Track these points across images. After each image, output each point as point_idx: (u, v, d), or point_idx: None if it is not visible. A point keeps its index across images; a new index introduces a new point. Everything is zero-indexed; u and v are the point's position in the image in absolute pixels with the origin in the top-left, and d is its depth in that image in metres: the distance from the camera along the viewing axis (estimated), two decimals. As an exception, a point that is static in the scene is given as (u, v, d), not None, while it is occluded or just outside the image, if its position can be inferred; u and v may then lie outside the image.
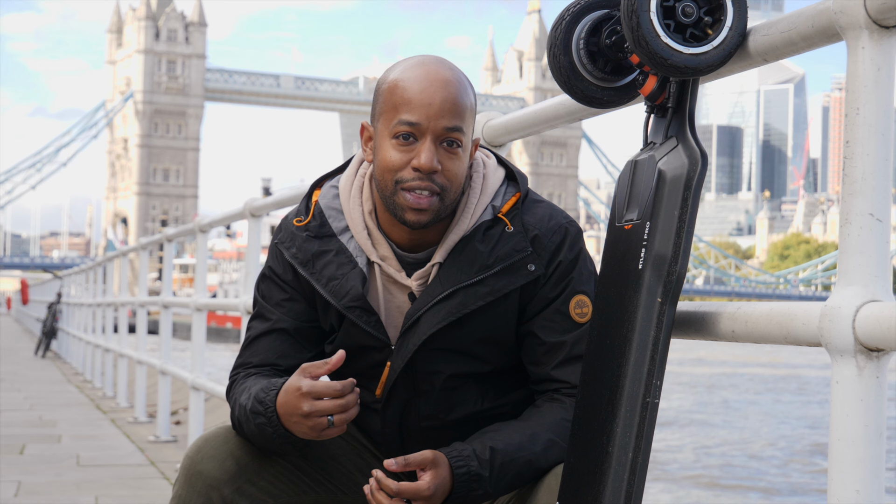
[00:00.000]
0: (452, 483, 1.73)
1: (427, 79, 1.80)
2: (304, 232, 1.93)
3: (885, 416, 1.31)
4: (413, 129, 1.78)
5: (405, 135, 1.79)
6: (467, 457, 1.75)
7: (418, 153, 1.78)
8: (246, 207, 4.81)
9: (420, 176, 1.78)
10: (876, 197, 1.33)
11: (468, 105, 1.82)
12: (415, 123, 1.78)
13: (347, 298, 1.87)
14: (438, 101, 1.78)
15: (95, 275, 12.78)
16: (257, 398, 1.80)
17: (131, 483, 5.30)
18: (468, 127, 1.82)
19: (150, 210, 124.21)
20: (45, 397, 10.25)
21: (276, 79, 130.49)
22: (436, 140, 1.79)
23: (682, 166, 1.59)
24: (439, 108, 1.78)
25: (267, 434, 1.79)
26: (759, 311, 1.49)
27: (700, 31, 1.58)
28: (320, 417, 1.72)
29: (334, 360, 1.74)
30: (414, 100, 1.78)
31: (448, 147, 1.79)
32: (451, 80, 1.81)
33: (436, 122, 1.78)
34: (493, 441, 1.78)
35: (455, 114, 1.79)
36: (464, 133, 1.80)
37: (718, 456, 15.13)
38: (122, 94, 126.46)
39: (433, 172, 1.78)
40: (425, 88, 1.79)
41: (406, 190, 1.79)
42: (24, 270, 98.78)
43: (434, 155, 1.78)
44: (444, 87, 1.79)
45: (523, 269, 1.84)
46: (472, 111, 1.84)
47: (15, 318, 42.93)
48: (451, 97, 1.79)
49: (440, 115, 1.78)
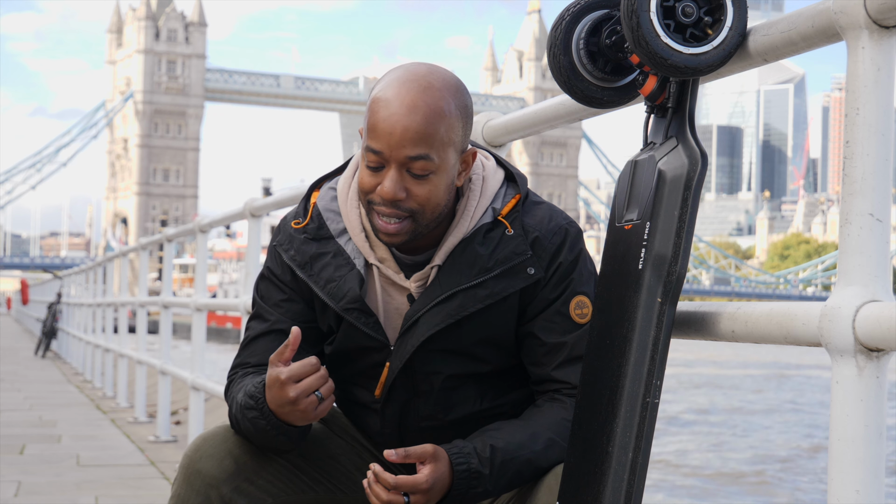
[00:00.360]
0: (452, 480, 1.73)
1: (395, 103, 1.75)
2: (302, 234, 1.93)
3: (885, 416, 1.31)
4: (378, 157, 1.77)
5: (374, 160, 1.78)
6: (468, 454, 1.75)
7: (383, 179, 1.77)
8: (246, 207, 4.81)
9: (386, 202, 1.78)
10: (876, 197, 1.33)
11: (439, 130, 1.76)
12: (378, 152, 1.76)
13: (345, 300, 1.87)
14: (399, 131, 1.74)
15: (95, 275, 12.78)
16: (248, 393, 1.81)
17: (131, 483, 5.30)
18: (441, 150, 1.77)
19: (150, 210, 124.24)
20: (45, 397, 10.25)
21: (276, 79, 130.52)
22: (400, 168, 1.76)
23: (682, 166, 1.59)
24: (400, 138, 1.74)
25: (261, 427, 1.79)
26: (759, 311, 1.49)
27: (700, 31, 1.58)
28: (308, 398, 1.73)
29: (291, 339, 1.74)
30: (378, 127, 1.76)
31: (417, 173, 1.77)
32: (419, 105, 1.75)
33: (398, 151, 1.75)
34: (493, 439, 1.78)
35: (418, 142, 1.74)
36: (432, 159, 1.76)
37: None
38: (122, 94, 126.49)
39: (398, 200, 1.77)
40: (390, 116, 1.75)
41: (377, 213, 1.79)
42: (24, 270, 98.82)
43: (397, 184, 1.76)
44: (409, 114, 1.74)
45: (523, 273, 1.84)
46: (447, 135, 1.77)
47: (15, 318, 42.93)
48: (414, 126, 1.74)
49: (401, 145, 1.74)
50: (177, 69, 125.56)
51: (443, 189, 1.80)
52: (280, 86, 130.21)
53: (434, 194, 1.79)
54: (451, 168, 1.80)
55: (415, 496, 1.71)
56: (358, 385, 1.95)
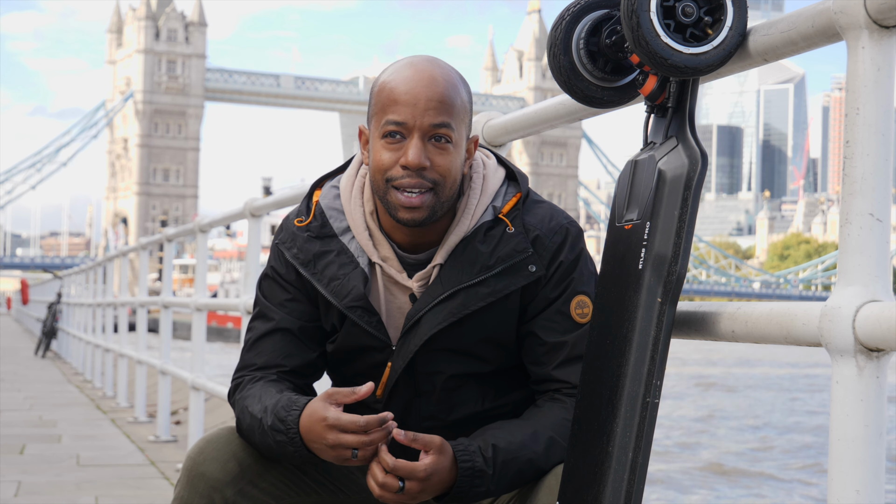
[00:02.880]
0: (456, 476, 1.73)
1: (413, 78, 1.80)
2: (306, 232, 1.92)
3: (885, 416, 1.31)
4: (400, 128, 1.79)
5: (393, 133, 1.79)
6: (472, 452, 1.74)
7: (406, 151, 1.78)
8: (246, 207, 4.81)
9: (409, 174, 1.78)
10: (876, 197, 1.33)
11: (457, 101, 1.81)
12: (401, 122, 1.78)
13: (349, 299, 1.87)
14: (424, 99, 1.78)
15: (95, 275, 12.78)
16: (278, 416, 1.77)
17: (131, 483, 5.30)
18: (459, 123, 1.82)
19: (150, 210, 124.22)
20: (45, 397, 10.25)
21: (276, 79, 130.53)
22: (423, 137, 1.79)
23: (682, 166, 1.59)
24: (425, 105, 1.78)
25: (287, 452, 1.78)
26: (759, 311, 1.49)
27: (700, 31, 1.58)
28: (345, 449, 1.70)
29: (363, 390, 1.72)
30: (400, 99, 1.79)
31: (437, 143, 1.79)
32: (437, 77, 1.81)
33: (422, 119, 1.78)
34: (495, 439, 1.78)
35: (441, 110, 1.79)
36: (453, 129, 1.80)
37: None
38: (122, 93, 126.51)
39: (422, 169, 1.78)
40: (412, 88, 1.79)
41: (397, 189, 1.79)
42: (24, 270, 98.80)
43: (421, 151, 1.78)
44: (430, 84, 1.80)
45: (524, 270, 1.84)
46: (463, 108, 1.83)
47: (15, 318, 42.93)
48: (436, 94, 1.79)
49: (426, 111, 1.78)
50: (177, 69, 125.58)
51: (458, 165, 1.83)
52: (280, 86, 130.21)
53: (453, 166, 1.81)
54: (463, 146, 1.84)
55: (410, 483, 1.70)
56: (359, 384, 1.95)
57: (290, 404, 1.77)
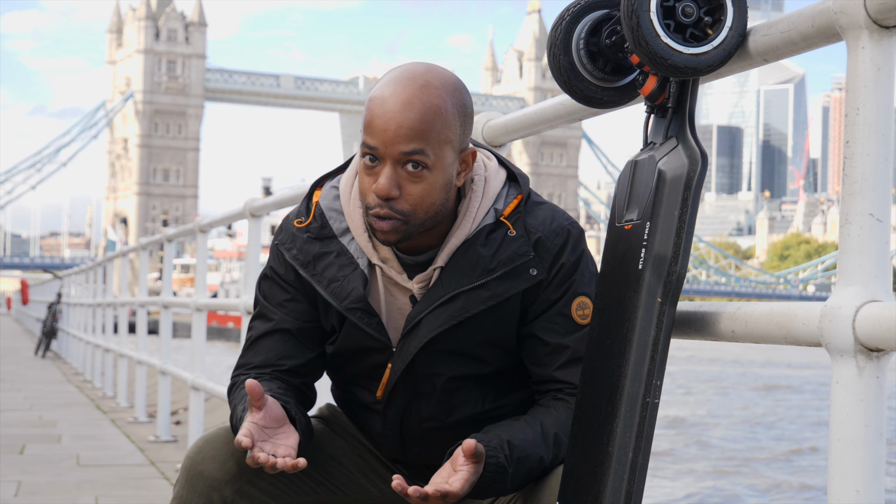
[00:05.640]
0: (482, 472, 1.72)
1: (390, 101, 1.76)
2: (305, 233, 1.92)
3: (885, 416, 1.31)
4: (374, 153, 1.77)
5: (370, 157, 1.78)
6: (496, 447, 1.73)
7: (378, 176, 1.78)
8: (246, 207, 4.81)
9: (380, 203, 1.78)
10: (876, 197, 1.33)
11: (435, 125, 1.76)
12: (373, 147, 1.77)
13: (349, 300, 1.87)
14: (394, 127, 1.75)
15: (95, 275, 12.78)
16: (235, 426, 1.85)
17: (131, 483, 5.30)
18: (438, 145, 1.77)
19: (150, 210, 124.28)
20: (45, 397, 10.25)
21: (276, 79, 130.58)
22: (395, 164, 1.77)
23: (682, 166, 1.59)
24: (395, 132, 1.75)
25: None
26: (759, 311, 1.49)
27: (700, 31, 1.58)
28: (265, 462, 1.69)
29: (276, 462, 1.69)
30: (374, 123, 1.77)
31: (412, 170, 1.76)
32: (414, 102, 1.75)
33: (392, 147, 1.75)
34: (509, 436, 1.77)
35: (412, 137, 1.75)
36: (427, 155, 1.76)
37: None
38: (122, 94, 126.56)
39: (390, 199, 1.77)
40: (385, 112, 1.76)
41: (372, 215, 1.79)
42: (24, 270, 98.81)
43: (391, 180, 1.76)
44: (404, 110, 1.75)
45: (525, 274, 1.84)
46: (444, 129, 1.77)
47: (15, 318, 42.93)
48: (408, 121, 1.74)
49: (395, 140, 1.75)
50: (177, 69, 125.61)
51: (438, 188, 1.79)
52: (280, 86, 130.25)
53: (428, 193, 1.78)
54: (447, 167, 1.80)
55: (450, 497, 1.67)
56: (359, 385, 1.95)
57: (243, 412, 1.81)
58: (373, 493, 1.98)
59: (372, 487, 1.98)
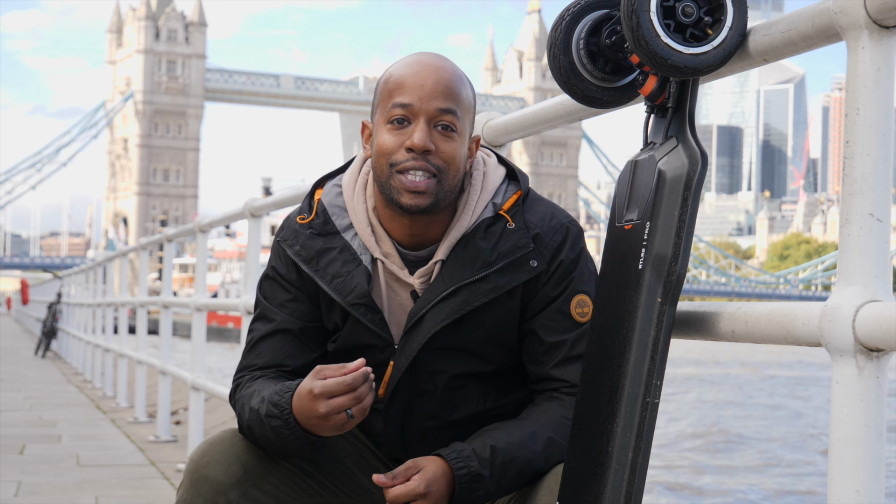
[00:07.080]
0: (454, 484, 1.73)
1: (421, 64, 1.83)
2: (308, 229, 1.92)
3: (885, 416, 1.31)
4: (406, 112, 1.80)
5: (399, 118, 1.80)
6: (467, 457, 1.75)
7: (411, 134, 1.79)
8: (246, 207, 4.81)
9: (414, 156, 1.79)
10: (876, 197, 1.33)
11: (463, 93, 1.83)
12: (407, 105, 1.80)
13: (353, 295, 1.87)
14: (431, 83, 1.80)
15: (95, 275, 12.78)
16: (272, 402, 1.78)
17: (131, 483, 5.30)
18: (464, 114, 1.83)
19: (150, 210, 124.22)
20: (45, 397, 10.25)
21: (276, 79, 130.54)
22: (429, 122, 1.80)
23: (682, 166, 1.59)
24: (431, 89, 1.80)
25: (284, 437, 1.77)
26: (759, 311, 1.49)
27: (700, 31, 1.58)
28: (338, 414, 1.70)
29: (352, 365, 1.71)
30: (407, 83, 1.81)
31: (442, 130, 1.80)
32: (445, 66, 1.84)
33: (428, 103, 1.79)
34: (493, 440, 1.78)
35: (448, 96, 1.80)
36: (458, 117, 1.81)
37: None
38: (122, 94, 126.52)
39: (427, 152, 1.78)
40: (419, 72, 1.81)
41: (401, 172, 1.79)
42: (24, 270, 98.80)
43: (427, 135, 1.79)
44: (437, 71, 1.82)
45: (526, 266, 1.84)
46: (468, 101, 1.85)
47: (15, 318, 42.92)
48: (443, 80, 1.81)
49: (432, 96, 1.80)
50: (177, 69, 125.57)
51: (461, 157, 1.83)
52: (280, 86, 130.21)
53: (457, 154, 1.82)
54: (467, 140, 1.85)
55: (416, 503, 1.71)
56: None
57: (283, 389, 1.78)
58: (375, 495, 1.97)
59: (374, 488, 1.98)
